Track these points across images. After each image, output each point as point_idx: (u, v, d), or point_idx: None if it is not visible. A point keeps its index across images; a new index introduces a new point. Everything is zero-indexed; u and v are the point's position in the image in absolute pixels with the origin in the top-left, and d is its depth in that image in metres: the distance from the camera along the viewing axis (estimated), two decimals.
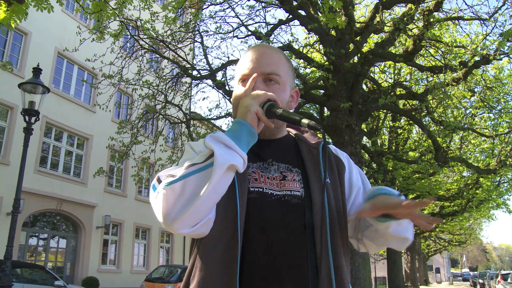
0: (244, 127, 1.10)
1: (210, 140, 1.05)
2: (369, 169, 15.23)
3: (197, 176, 1.03)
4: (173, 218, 1.03)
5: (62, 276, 15.29)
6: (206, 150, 1.07)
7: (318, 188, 1.21)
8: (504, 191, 19.07)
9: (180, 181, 1.03)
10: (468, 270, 75.14)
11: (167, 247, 24.14)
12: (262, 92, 1.17)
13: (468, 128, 13.53)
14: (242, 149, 1.06)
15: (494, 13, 8.99)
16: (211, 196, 1.03)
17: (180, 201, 1.02)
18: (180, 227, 1.05)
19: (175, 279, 14.71)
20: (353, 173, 1.37)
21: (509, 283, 22.54)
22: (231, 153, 1.04)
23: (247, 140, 1.09)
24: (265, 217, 1.15)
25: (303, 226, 1.16)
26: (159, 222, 1.06)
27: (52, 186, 16.23)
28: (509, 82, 13.89)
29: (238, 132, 1.09)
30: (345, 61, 9.01)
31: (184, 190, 1.02)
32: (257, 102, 1.14)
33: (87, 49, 10.01)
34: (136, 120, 11.29)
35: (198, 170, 1.03)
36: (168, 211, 1.02)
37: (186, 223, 1.04)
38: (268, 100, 1.15)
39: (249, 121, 1.11)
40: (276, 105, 1.15)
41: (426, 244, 40.41)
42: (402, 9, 11.13)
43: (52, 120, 16.59)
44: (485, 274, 35.96)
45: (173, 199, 1.02)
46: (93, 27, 8.13)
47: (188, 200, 1.02)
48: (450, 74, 9.41)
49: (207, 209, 1.06)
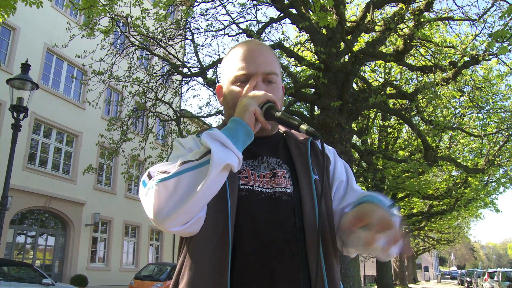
0: (241, 126, 1.08)
1: (206, 138, 1.03)
2: (359, 168, 15.29)
3: (191, 173, 1.01)
4: (164, 215, 1.01)
5: (50, 274, 15.19)
6: (196, 147, 1.06)
7: (307, 185, 1.20)
8: (492, 190, 19.28)
9: (174, 177, 1.01)
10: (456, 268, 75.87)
11: (157, 245, 24.06)
12: (262, 92, 1.16)
13: (457, 128, 13.65)
14: (238, 148, 1.05)
15: (483, 14, 9.05)
16: (205, 195, 1.02)
17: (173, 199, 1.00)
18: (171, 225, 1.03)
19: (164, 277, 14.67)
20: (337, 166, 1.36)
21: (495, 281, 22.80)
22: (227, 152, 1.02)
23: (244, 139, 1.08)
24: (255, 215, 1.14)
25: (293, 223, 1.15)
26: (149, 219, 1.05)
27: (40, 183, 16.08)
28: (497, 83, 14.03)
29: (235, 131, 1.07)
30: (335, 60, 9.03)
31: (178, 187, 1.00)
32: (256, 102, 1.12)
33: (77, 45, 9.92)
34: (126, 117, 11.23)
35: (193, 168, 1.01)
36: (160, 208, 1.01)
37: (178, 221, 1.03)
38: (267, 101, 1.14)
39: (246, 121, 1.09)
40: (275, 107, 1.14)
41: (415, 243, 40.67)
42: (393, 9, 11.17)
43: (41, 116, 16.43)
44: (473, 272, 36.37)
45: (166, 196, 1.00)
46: (83, 23, 8.08)
47: (181, 197, 1.00)
48: (440, 74, 9.47)
49: (199, 208, 1.05)
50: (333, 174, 1.34)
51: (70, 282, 15.75)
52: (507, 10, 5.25)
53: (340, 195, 1.33)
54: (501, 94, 14.50)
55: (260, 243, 1.11)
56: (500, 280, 21.29)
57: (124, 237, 20.99)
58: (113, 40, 10.72)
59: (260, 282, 1.08)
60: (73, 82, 18.11)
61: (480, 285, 28.22)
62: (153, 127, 11.69)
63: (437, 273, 60.31)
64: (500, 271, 23.30)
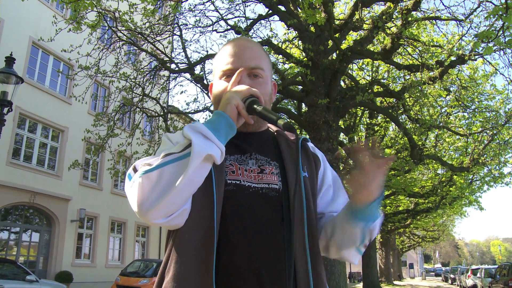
0: (223, 118, 1.09)
1: (188, 130, 1.04)
2: (345, 165, 15.36)
3: (174, 165, 1.01)
4: (147, 207, 1.01)
5: (34, 271, 15.03)
6: (183, 141, 1.05)
7: (296, 182, 1.21)
8: (477, 189, 19.54)
9: (156, 169, 1.01)
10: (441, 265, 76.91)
11: (143, 241, 23.95)
12: (246, 87, 1.17)
13: (443, 127, 13.78)
14: (220, 140, 1.05)
15: (469, 15, 9.15)
16: (187, 187, 1.02)
17: (156, 190, 1.00)
18: (155, 216, 1.03)
19: (150, 273, 14.61)
20: (328, 171, 1.38)
21: (478, 277, 23.15)
22: (208, 144, 1.03)
23: (226, 131, 1.08)
24: (242, 210, 1.14)
25: (280, 219, 1.15)
26: (136, 215, 1.04)
27: (25, 179, 15.88)
28: (483, 83, 14.18)
29: (217, 123, 1.08)
30: (323, 58, 9.06)
31: (161, 179, 1.00)
32: (239, 96, 1.13)
33: (63, 39, 9.79)
34: (112, 113, 11.15)
35: (175, 160, 1.02)
36: (143, 200, 1.01)
37: (161, 213, 1.03)
38: (250, 96, 1.15)
39: (228, 113, 1.10)
40: (257, 102, 1.14)
41: (400, 240, 41.12)
42: (381, 8, 11.23)
43: (26, 111, 16.21)
44: (456, 269, 36.85)
45: (149, 187, 1.00)
46: (70, 17, 7.97)
47: (164, 189, 1.00)
48: (427, 73, 9.56)
49: (183, 200, 1.05)
50: (322, 177, 1.35)
51: (55, 279, 15.59)
52: (493, 11, 5.31)
53: (328, 198, 1.35)
54: (486, 94, 14.68)
55: (246, 238, 1.11)
56: (483, 276, 21.62)
57: (110, 233, 20.84)
58: (100, 35, 10.61)
59: (246, 277, 1.08)
60: (59, 77, 17.88)
61: (463, 281, 28.62)
62: (140, 122, 11.62)
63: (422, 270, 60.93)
64: (483, 268, 23.67)
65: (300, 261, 1.12)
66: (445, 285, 34.81)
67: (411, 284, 35.94)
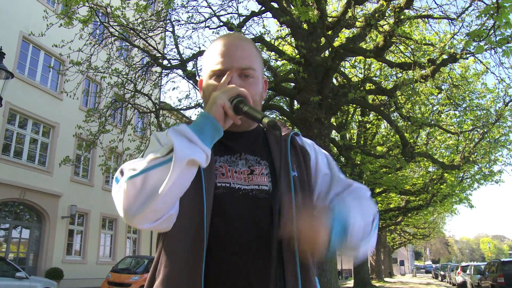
0: (209, 120, 1.05)
1: (171, 133, 1.00)
2: (337, 162, 15.38)
3: (158, 170, 0.98)
4: (133, 213, 0.99)
5: (24, 268, 14.94)
6: (169, 143, 1.03)
7: (285, 183, 1.19)
8: (467, 187, 19.69)
9: (141, 175, 0.98)
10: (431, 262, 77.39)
11: (134, 237, 23.89)
12: (233, 86, 1.13)
13: (434, 125, 13.88)
14: (205, 143, 1.02)
15: (461, 13, 9.19)
16: (172, 192, 0.99)
17: (140, 197, 0.98)
18: (141, 222, 1.01)
19: (141, 270, 14.58)
20: (319, 159, 1.34)
21: (467, 274, 23.36)
22: (192, 147, 0.99)
23: (211, 134, 1.04)
24: (232, 213, 1.13)
25: (270, 221, 1.14)
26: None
27: (15, 175, 15.75)
28: (474, 81, 14.28)
29: (202, 125, 1.04)
30: (316, 55, 9.06)
31: (145, 185, 0.98)
32: (226, 96, 1.10)
33: (55, 34, 9.69)
34: (104, 109, 11.09)
35: (159, 164, 0.99)
36: (129, 206, 0.99)
37: (147, 219, 1.01)
38: (237, 95, 1.12)
39: (214, 114, 1.06)
40: (245, 101, 1.11)
41: (391, 238, 41.34)
42: (374, 5, 11.24)
43: (16, 106, 16.05)
44: (446, 266, 37.18)
45: (134, 193, 0.98)
46: (61, 12, 7.92)
47: (148, 195, 0.98)
48: (419, 71, 9.60)
49: (168, 205, 1.02)
50: (315, 169, 1.32)
51: (45, 276, 15.49)
52: (484, 10, 5.32)
53: (325, 191, 1.31)
54: (477, 92, 14.79)
55: (235, 242, 1.10)
56: (472, 273, 21.81)
57: (101, 229, 20.75)
58: (92, 30, 10.53)
59: (235, 280, 1.07)
60: (50, 72, 17.71)
61: (453, 278, 28.90)
62: (131, 119, 11.57)
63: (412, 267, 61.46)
64: (472, 265, 23.86)
65: (289, 264, 1.11)
66: (435, 282, 35.09)
67: (402, 281, 36.18)
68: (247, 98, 1.13)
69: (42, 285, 11.70)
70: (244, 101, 1.11)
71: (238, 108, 1.10)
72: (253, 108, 1.09)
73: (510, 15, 5.00)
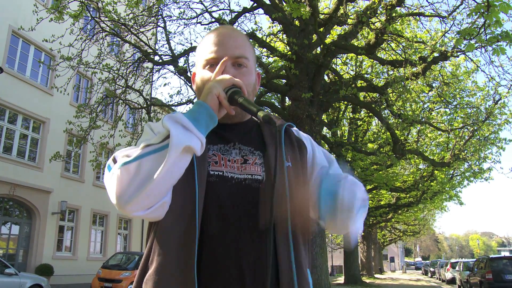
0: (204, 109, 1.06)
1: (167, 120, 1.01)
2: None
3: (152, 157, 0.99)
4: (126, 200, 0.99)
5: (13, 264, 14.83)
6: (164, 131, 1.03)
7: (279, 172, 1.17)
8: (457, 184, 19.87)
9: (135, 161, 0.99)
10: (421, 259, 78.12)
11: (125, 233, 23.82)
12: (228, 76, 1.14)
13: (425, 122, 13.96)
14: (200, 131, 1.03)
15: (452, 11, 9.25)
16: (166, 179, 1.00)
17: (134, 183, 0.98)
18: (134, 209, 1.01)
19: (132, 266, 14.54)
20: (316, 153, 1.35)
21: (457, 270, 23.57)
22: (188, 135, 1.00)
23: (206, 122, 1.06)
24: (224, 201, 1.13)
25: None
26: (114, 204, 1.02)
27: (4, 170, 15.62)
28: (464, 79, 14.39)
29: (197, 114, 1.05)
30: (308, 52, 9.07)
31: (139, 171, 0.98)
32: (221, 86, 1.10)
33: (45, 29, 9.62)
34: (95, 104, 11.02)
35: (154, 151, 0.99)
36: (122, 193, 0.99)
37: (140, 206, 1.01)
38: (233, 86, 1.12)
39: (209, 103, 1.07)
40: (239, 92, 1.12)
41: (382, 234, 41.58)
42: (365, 3, 11.26)
43: (6, 101, 15.91)
44: (436, 263, 37.47)
45: (127, 180, 0.98)
46: (51, 6, 7.86)
47: (142, 181, 0.98)
48: (410, 69, 9.64)
49: (162, 192, 1.03)
50: (312, 161, 1.33)
51: (35, 272, 15.41)
52: (475, 9, 5.37)
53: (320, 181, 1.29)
54: (467, 90, 14.91)
55: (228, 230, 1.10)
56: (461, 270, 22.01)
57: (92, 225, 20.66)
58: (83, 25, 10.47)
59: (227, 269, 1.07)
60: (40, 67, 17.56)
61: (442, 275, 29.14)
62: (122, 114, 11.51)
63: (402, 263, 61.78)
64: (461, 261, 24.08)
65: (283, 252, 1.11)
66: (425, 278, 35.37)
67: (392, 277, 36.44)
68: (242, 88, 1.14)
69: (32, 281, 11.65)
70: (239, 92, 1.12)
71: (233, 99, 1.10)
72: (248, 100, 1.10)
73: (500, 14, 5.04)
